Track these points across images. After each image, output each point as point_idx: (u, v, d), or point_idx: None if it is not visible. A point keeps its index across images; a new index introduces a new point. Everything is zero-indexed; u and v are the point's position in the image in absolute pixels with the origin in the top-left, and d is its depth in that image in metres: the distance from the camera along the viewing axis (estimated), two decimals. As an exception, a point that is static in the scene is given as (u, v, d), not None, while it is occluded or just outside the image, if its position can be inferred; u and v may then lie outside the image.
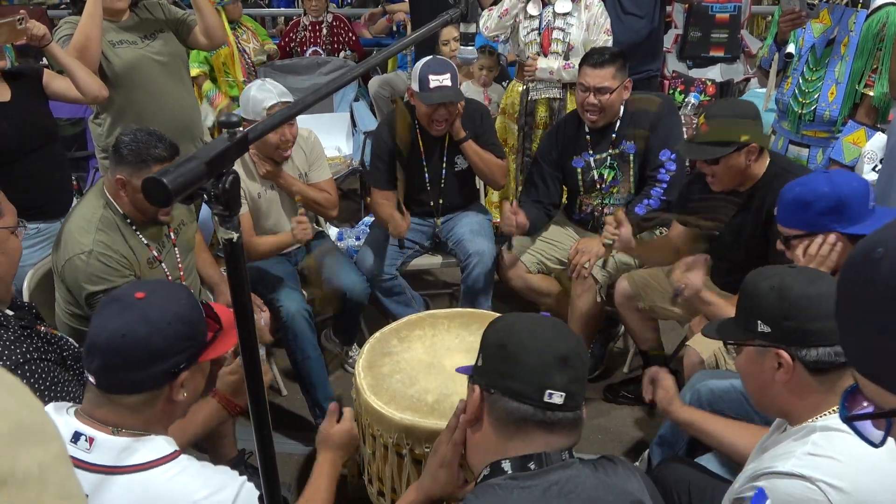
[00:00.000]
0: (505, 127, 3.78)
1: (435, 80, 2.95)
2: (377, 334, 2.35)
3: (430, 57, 3.08)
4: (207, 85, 4.42)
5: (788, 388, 1.41)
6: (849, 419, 0.79)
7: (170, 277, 2.40)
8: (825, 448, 1.30)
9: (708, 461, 2.04)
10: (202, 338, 1.46)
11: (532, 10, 3.47)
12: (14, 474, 0.52)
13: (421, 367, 2.18)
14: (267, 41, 4.95)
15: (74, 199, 2.96)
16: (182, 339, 1.40)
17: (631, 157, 3.04)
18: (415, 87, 3.03)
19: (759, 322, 1.44)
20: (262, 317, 2.71)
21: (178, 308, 1.41)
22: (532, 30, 3.50)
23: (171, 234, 2.46)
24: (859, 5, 2.95)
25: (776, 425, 1.59)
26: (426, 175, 3.23)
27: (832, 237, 1.97)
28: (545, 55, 3.49)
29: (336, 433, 1.74)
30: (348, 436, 1.76)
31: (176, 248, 2.47)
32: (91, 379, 1.37)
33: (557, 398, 1.22)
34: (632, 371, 3.27)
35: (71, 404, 1.45)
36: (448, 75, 2.96)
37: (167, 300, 1.41)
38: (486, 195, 3.83)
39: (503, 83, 4.28)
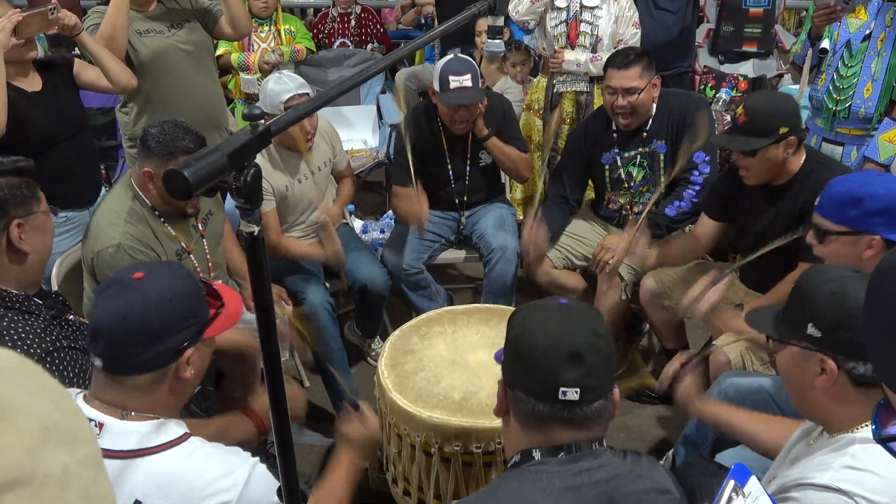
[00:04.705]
0: (529, 123, 3.72)
1: (455, 81, 2.92)
2: (397, 332, 2.34)
3: (452, 56, 3.05)
4: (235, 56, 4.34)
5: (829, 395, 1.36)
6: (882, 440, 0.76)
7: (199, 270, 2.41)
8: (865, 462, 1.26)
9: (729, 460, 2.00)
10: (205, 315, 1.47)
11: (560, 1, 3.43)
12: (34, 476, 0.50)
13: (444, 364, 2.17)
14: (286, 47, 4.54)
15: (103, 188, 2.98)
16: (184, 316, 1.41)
17: (662, 157, 2.98)
18: (436, 86, 3.01)
19: (809, 324, 1.37)
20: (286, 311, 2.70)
21: (178, 286, 1.42)
22: (560, 21, 3.45)
23: (199, 224, 2.46)
24: (898, 0, 2.88)
25: (801, 433, 1.55)
26: (450, 172, 3.21)
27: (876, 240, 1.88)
28: (572, 47, 3.45)
29: (358, 434, 1.74)
30: (370, 438, 1.75)
31: (204, 240, 2.47)
32: (97, 362, 1.37)
33: (572, 395, 1.22)
34: (656, 370, 3.24)
35: (79, 390, 1.46)
36: (468, 76, 2.92)
37: (167, 279, 1.42)
38: (510, 191, 3.79)
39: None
